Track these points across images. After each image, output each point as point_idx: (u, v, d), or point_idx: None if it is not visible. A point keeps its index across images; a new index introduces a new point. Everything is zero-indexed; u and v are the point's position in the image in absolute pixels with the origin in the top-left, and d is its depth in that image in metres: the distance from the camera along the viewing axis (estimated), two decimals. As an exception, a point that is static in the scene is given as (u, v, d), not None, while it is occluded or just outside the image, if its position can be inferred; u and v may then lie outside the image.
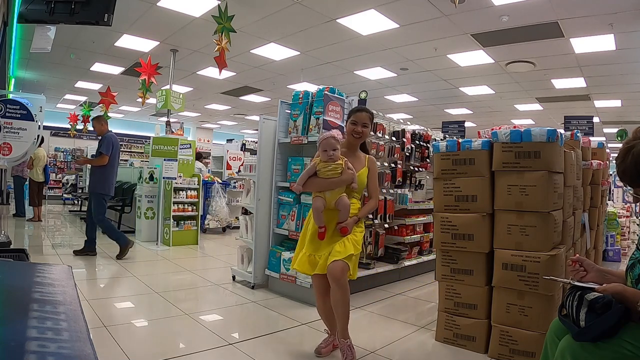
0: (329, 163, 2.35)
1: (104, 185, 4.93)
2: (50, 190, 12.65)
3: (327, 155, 2.34)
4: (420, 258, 4.68)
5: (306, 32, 6.26)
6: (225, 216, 7.56)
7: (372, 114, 2.56)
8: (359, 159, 2.52)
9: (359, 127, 2.48)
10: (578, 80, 7.88)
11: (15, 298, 0.80)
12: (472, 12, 5.24)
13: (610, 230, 5.60)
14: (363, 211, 2.48)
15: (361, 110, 2.52)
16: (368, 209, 2.52)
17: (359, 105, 3.71)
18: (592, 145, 4.00)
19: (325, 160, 2.36)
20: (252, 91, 10.44)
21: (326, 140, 2.35)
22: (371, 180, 2.50)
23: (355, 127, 2.49)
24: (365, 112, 2.51)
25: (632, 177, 1.43)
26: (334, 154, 2.34)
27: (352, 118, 2.52)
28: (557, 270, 2.36)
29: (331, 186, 2.35)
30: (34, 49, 3.38)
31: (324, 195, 2.37)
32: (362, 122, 2.48)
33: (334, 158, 2.35)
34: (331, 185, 2.35)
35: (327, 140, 2.35)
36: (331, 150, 2.34)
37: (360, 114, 2.49)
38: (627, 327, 1.30)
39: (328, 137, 2.36)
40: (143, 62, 7.12)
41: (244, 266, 4.06)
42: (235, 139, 14.85)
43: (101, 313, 2.95)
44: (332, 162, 2.34)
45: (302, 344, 2.69)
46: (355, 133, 2.49)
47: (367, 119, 2.50)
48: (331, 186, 2.35)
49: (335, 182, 2.35)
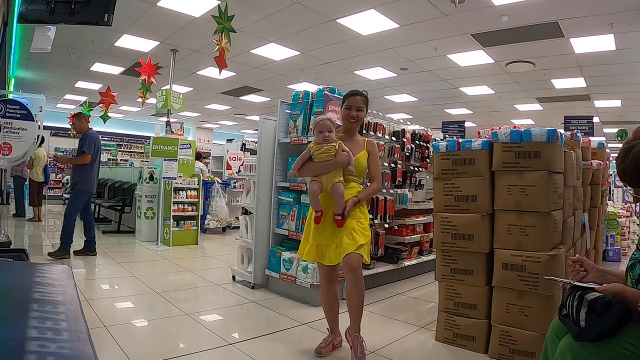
0: (322, 145, 2.33)
1: (87, 183, 4.89)
2: (50, 190, 12.64)
3: (322, 136, 2.34)
4: (420, 258, 4.68)
5: (306, 32, 6.26)
6: (225, 216, 7.55)
7: (366, 98, 2.55)
8: (358, 143, 2.51)
9: (353, 112, 2.46)
10: (578, 80, 7.88)
11: (15, 298, 0.80)
12: (472, 12, 5.24)
13: (610, 230, 5.60)
14: (364, 193, 2.44)
15: (355, 94, 2.49)
16: (370, 191, 2.48)
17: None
18: (592, 145, 3.99)
19: (319, 142, 2.35)
20: (252, 91, 10.44)
21: (322, 122, 2.37)
22: (372, 164, 2.48)
23: (350, 111, 2.46)
24: (359, 95, 2.49)
25: (632, 177, 1.43)
26: (329, 135, 2.33)
27: (346, 103, 2.49)
28: (557, 270, 2.36)
29: (325, 169, 2.33)
30: (34, 49, 3.38)
31: (320, 179, 2.35)
32: (356, 106, 2.46)
33: (329, 139, 2.33)
34: (325, 168, 2.33)
35: (322, 122, 2.37)
36: (326, 131, 2.34)
37: (354, 98, 2.47)
38: (627, 327, 1.30)
39: (324, 119, 2.39)
40: (143, 62, 7.12)
41: (244, 266, 4.06)
42: (235, 139, 14.85)
43: (101, 313, 2.95)
44: (325, 144, 2.33)
45: (302, 344, 2.69)
46: (351, 117, 2.47)
47: (362, 102, 2.48)
48: (325, 169, 2.33)
49: (329, 165, 2.33)
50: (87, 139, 4.88)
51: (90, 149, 4.85)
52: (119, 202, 7.21)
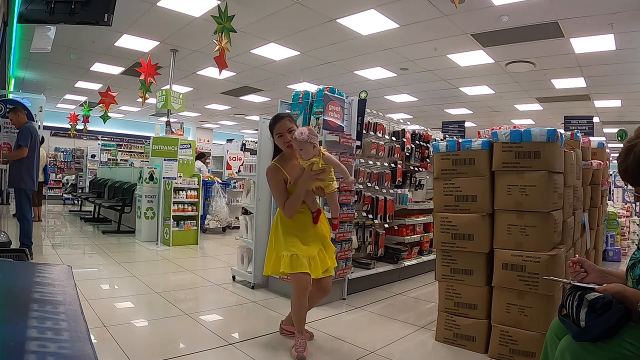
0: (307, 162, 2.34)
1: (27, 179, 4.56)
2: (50, 190, 12.65)
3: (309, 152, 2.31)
4: (420, 258, 4.68)
5: (306, 32, 6.26)
6: (225, 216, 7.55)
7: (290, 116, 2.51)
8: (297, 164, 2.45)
9: (287, 136, 2.40)
10: (578, 80, 7.88)
11: (15, 298, 0.80)
12: (472, 12, 5.24)
13: (610, 230, 5.61)
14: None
15: (279, 118, 2.44)
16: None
17: (360, 105, 3.73)
18: (592, 145, 3.99)
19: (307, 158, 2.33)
20: (252, 91, 10.44)
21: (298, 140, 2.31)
22: (328, 160, 2.41)
23: (283, 137, 2.41)
24: (282, 117, 2.45)
25: (633, 175, 1.43)
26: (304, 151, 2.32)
27: (275, 131, 2.43)
28: (557, 270, 2.36)
29: (300, 194, 2.37)
30: (34, 49, 3.38)
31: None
32: (287, 129, 2.41)
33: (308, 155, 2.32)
34: (300, 194, 2.36)
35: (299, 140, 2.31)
36: (299, 149, 2.31)
37: (280, 124, 2.42)
38: (627, 327, 1.30)
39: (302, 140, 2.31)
40: (143, 62, 7.12)
41: (244, 266, 4.06)
42: (235, 139, 14.86)
43: (101, 313, 2.95)
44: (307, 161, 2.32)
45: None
46: (287, 143, 2.41)
47: (289, 122, 2.44)
48: (300, 194, 2.37)
49: (301, 191, 2.36)
50: (24, 132, 4.53)
51: (27, 142, 4.49)
52: (119, 202, 7.21)
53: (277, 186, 2.42)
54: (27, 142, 4.52)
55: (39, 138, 4.91)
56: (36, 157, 4.74)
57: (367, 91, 4.02)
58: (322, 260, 2.44)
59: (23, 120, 4.70)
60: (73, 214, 9.95)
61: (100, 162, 13.18)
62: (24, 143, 4.50)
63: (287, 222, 2.44)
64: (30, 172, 4.60)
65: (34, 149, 4.63)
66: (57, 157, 13.77)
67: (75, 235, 6.83)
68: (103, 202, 7.92)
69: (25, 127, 4.60)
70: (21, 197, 4.58)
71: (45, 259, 4.76)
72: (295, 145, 2.31)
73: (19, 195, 4.59)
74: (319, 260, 2.41)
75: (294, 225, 2.44)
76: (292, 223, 2.44)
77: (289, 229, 2.44)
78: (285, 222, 2.45)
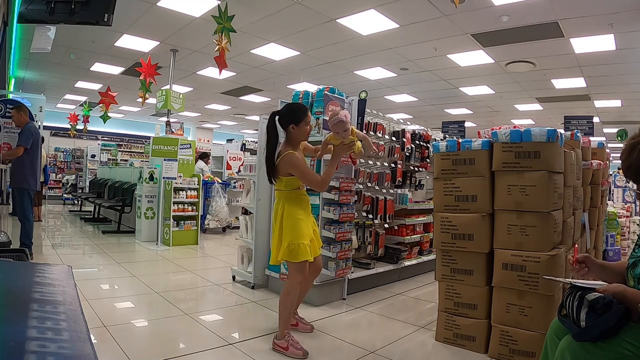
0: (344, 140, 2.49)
1: (31, 179, 4.58)
2: (50, 190, 12.64)
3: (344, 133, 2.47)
4: (420, 258, 4.68)
5: (306, 32, 6.26)
6: (225, 216, 7.55)
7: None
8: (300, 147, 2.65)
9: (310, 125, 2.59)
10: (578, 80, 7.88)
11: (15, 298, 0.80)
12: (472, 12, 5.24)
13: (610, 230, 5.60)
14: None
15: (306, 109, 2.58)
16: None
17: (360, 105, 3.73)
18: (592, 145, 3.99)
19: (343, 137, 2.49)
20: (252, 91, 10.44)
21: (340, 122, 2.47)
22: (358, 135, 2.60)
23: (309, 127, 2.57)
24: (308, 109, 2.61)
25: (636, 172, 1.43)
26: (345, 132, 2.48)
27: (306, 121, 2.53)
28: (557, 270, 2.36)
29: (334, 167, 2.53)
30: (34, 49, 3.38)
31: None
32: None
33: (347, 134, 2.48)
34: (334, 167, 2.53)
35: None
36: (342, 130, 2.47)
37: (309, 115, 2.56)
38: (627, 327, 1.30)
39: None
40: (143, 62, 7.11)
41: (244, 266, 4.06)
42: (235, 139, 14.85)
43: (101, 313, 2.95)
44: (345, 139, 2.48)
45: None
46: (309, 133, 2.59)
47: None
48: (334, 167, 2.53)
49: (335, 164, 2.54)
50: (25, 133, 4.53)
51: (28, 143, 4.49)
52: (119, 202, 7.21)
53: (305, 167, 2.54)
54: (28, 143, 4.52)
55: (41, 138, 4.91)
56: (39, 157, 4.74)
57: (367, 91, 4.02)
58: (317, 238, 2.66)
59: (25, 120, 4.70)
60: (73, 214, 9.95)
61: (100, 162, 13.18)
62: (25, 144, 4.51)
63: (296, 209, 2.50)
64: (33, 173, 4.61)
65: (36, 149, 4.64)
66: (57, 157, 13.77)
67: (75, 235, 6.83)
68: (103, 202, 7.92)
69: (27, 128, 4.60)
70: (23, 197, 4.58)
71: (45, 259, 4.76)
72: (339, 127, 2.43)
73: (21, 195, 4.58)
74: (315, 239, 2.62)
75: (302, 212, 2.53)
76: (301, 210, 2.52)
77: (300, 215, 2.51)
78: (294, 209, 2.50)
